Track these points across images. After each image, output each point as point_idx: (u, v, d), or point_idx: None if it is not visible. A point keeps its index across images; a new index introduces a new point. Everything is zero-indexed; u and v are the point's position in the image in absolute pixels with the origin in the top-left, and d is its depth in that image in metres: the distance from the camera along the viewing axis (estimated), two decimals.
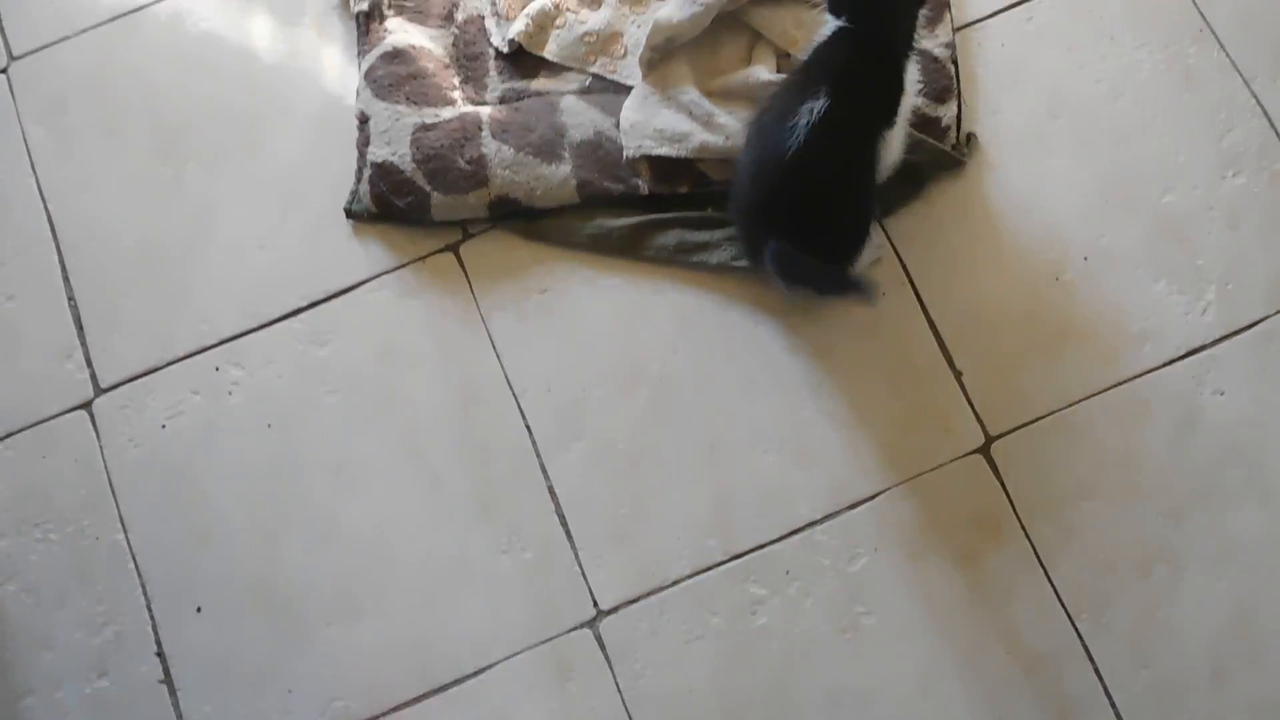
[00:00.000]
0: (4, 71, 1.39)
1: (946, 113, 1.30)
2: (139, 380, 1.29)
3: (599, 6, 1.35)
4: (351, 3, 1.37)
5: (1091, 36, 1.36)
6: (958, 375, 1.26)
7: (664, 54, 1.31)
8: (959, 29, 1.36)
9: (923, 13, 1.31)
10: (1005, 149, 1.32)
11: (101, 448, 1.28)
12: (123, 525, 1.25)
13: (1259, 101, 1.33)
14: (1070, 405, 1.25)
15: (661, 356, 1.28)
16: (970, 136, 1.32)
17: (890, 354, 1.27)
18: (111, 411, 1.29)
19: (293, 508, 1.25)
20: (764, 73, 1.28)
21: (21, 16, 1.41)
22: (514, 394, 1.27)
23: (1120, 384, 1.25)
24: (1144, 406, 1.25)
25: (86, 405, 1.29)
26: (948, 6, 1.34)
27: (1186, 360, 1.26)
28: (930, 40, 1.32)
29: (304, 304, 1.31)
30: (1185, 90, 1.34)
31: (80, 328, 1.31)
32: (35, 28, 1.41)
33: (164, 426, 1.28)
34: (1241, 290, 1.28)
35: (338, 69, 1.38)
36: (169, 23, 1.40)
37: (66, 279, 1.33)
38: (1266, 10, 1.36)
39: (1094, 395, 1.25)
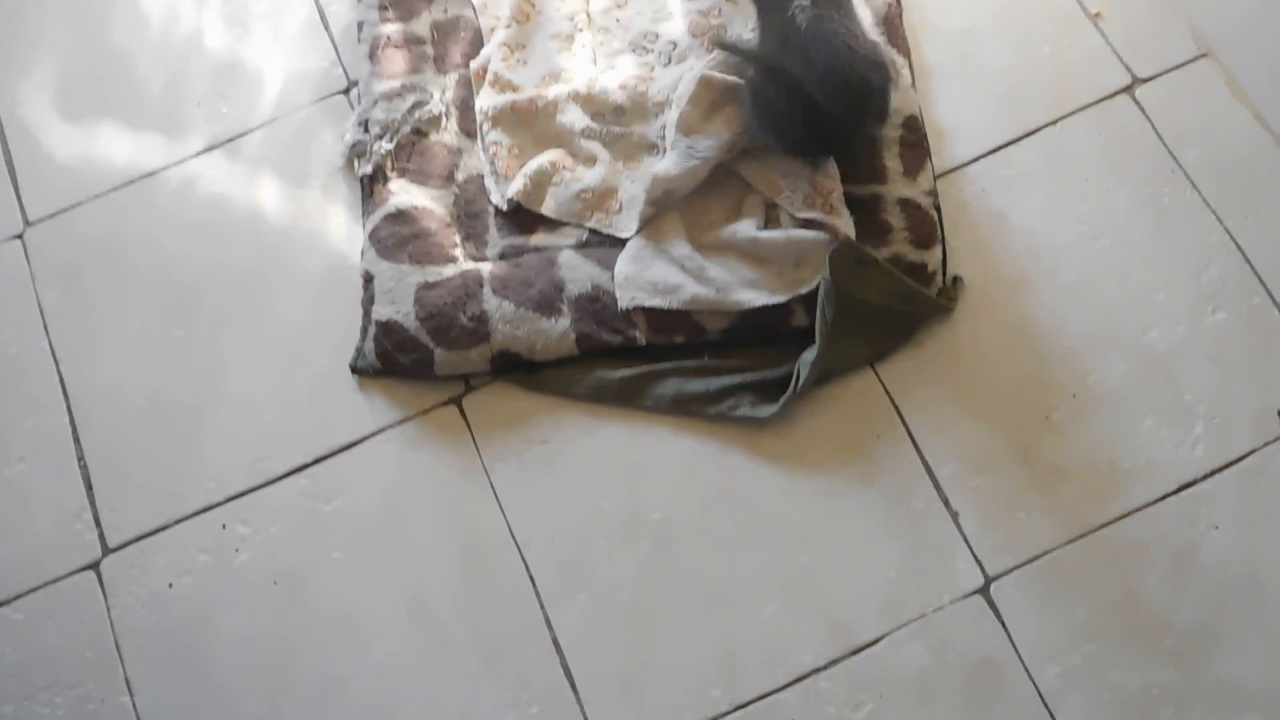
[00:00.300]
0: (19, 237, 1.45)
1: (932, 259, 1.35)
2: (147, 540, 1.32)
3: (594, 164, 1.41)
4: (356, 166, 1.43)
5: (1068, 180, 1.42)
6: (954, 516, 1.29)
7: (662, 208, 1.37)
8: (940, 175, 1.42)
9: (905, 162, 1.39)
10: (991, 291, 1.37)
11: (108, 608, 1.29)
12: (128, 688, 1.26)
13: (1233, 238, 1.38)
14: (1067, 543, 1.27)
15: (662, 505, 1.30)
16: (956, 280, 1.37)
17: (887, 497, 1.30)
18: (119, 572, 1.31)
19: (298, 667, 1.26)
20: (751, 228, 1.34)
21: (37, 183, 1.48)
22: (517, 545, 1.29)
23: (1115, 521, 1.28)
24: (1140, 543, 1.27)
25: (94, 566, 1.31)
26: (928, 155, 1.41)
27: (1179, 495, 1.28)
28: (913, 189, 1.38)
29: (310, 460, 1.34)
30: (1162, 229, 1.39)
31: (90, 488, 1.34)
32: (50, 194, 1.47)
33: (171, 586, 1.30)
34: (1228, 424, 1.31)
35: (343, 229, 1.43)
36: (180, 187, 1.47)
37: (77, 439, 1.36)
38: (1234, 149, 1.42)
39: (1090, 533, 1.27)
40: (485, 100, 1.45)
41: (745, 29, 1.44)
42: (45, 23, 1.56)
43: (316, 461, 1.34)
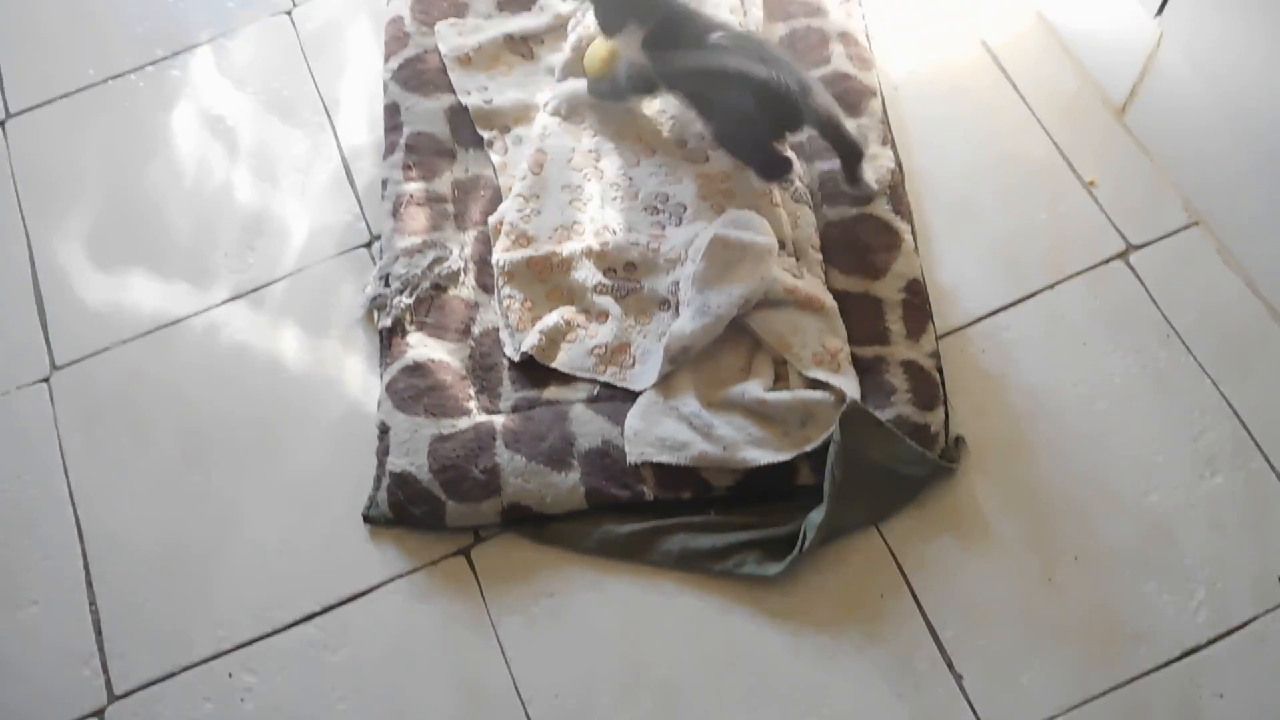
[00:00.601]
0: (45, 380, 1.51)
1: (934, 420, 1.39)
2: (153, 687, 1.33)
3: (606, 320, 1.48)
4: (376, 318, 1.49)
5: (1065, 343, 1.47)
6: (958, 678, 1.30)
7: (680, 364, 1.42)
8: (941, 336, 1.47)
9: (908, 324, 1.45)
10: (992, 452, 1.41)
11: None
12: None
13: (1229, 403, 1.43)
14: (1072, 709, 1.28)
15: (666, 661, 1.32)
16: (959, 440, 1.41)
17: (891, 658, 1.31)
18: None
19: None
20: (759, 389, 1.39)
21: (66, 328, 1.54)
22: (521, 701, 1.31)
23: (1119, 686, 1.29)
24: (1145, 710, 1.28)
25: (99, 713, 1.32)
26: (930, 317, 1.47)
27: (1183, 662, 1.30)
28: (915, 351, 1.43)
29: (319, 609, 1.36)
30: (1158, 393, 1.44)
31: (99, 633, 1.36)
32: (79, 339, 1.53)
33: None
34: (1230, 590, 1.33)
35: (360, 379, 1.49)
36: (204, 334, 1.53)
37: (90, 584, 1.39)
38: (1227, 316, 1.48)
39: (1095, 698, 1.28)
40: (501, 255, 1.51)
41: (756, 190, 1.52)
42: (83, 172, 1.65)
43: (325, 610, 1.36)
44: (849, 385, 1.39)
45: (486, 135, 1.62)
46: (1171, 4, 1.43)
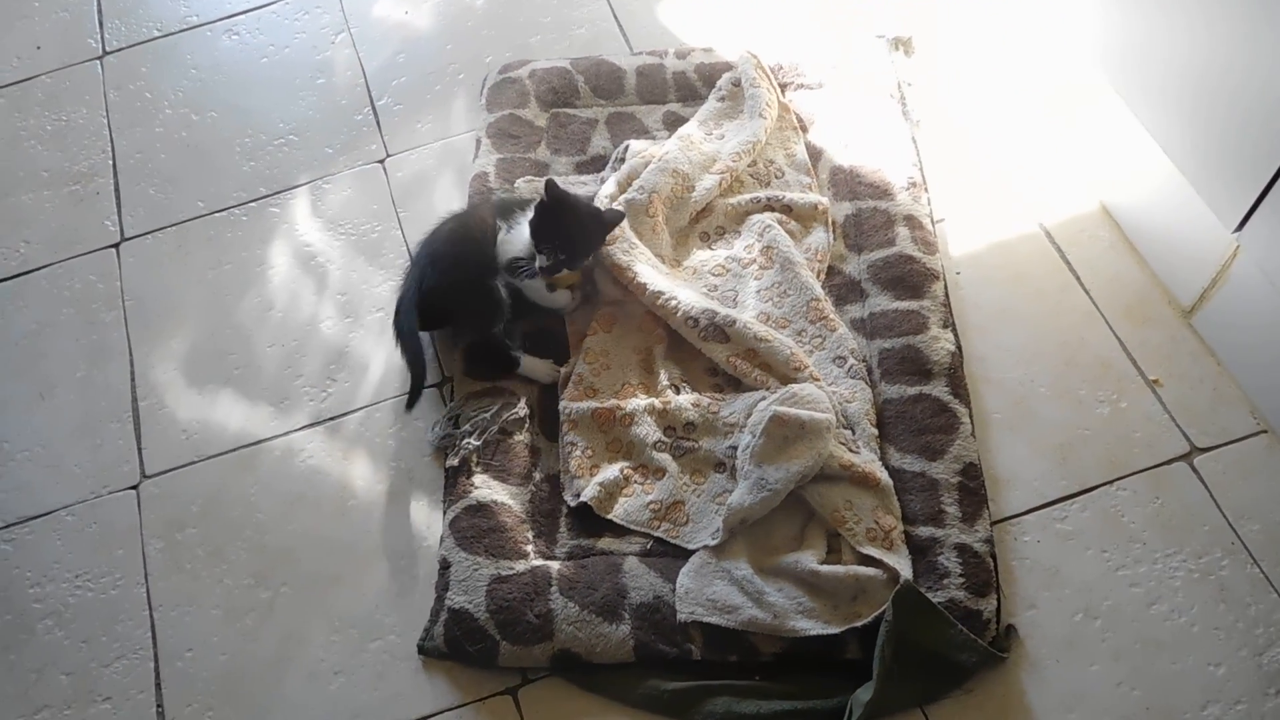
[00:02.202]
0: (135, 488, 1.68)
1: (987, 606, 1.48)
2: None
3: (663, 476, 1.61)
4: (447, 456, 1.65)
5: (1123, 541, 1.55)
6: None
7: (737, 534, 1.54)
8: (995, 523, 1.56)
9: (964, 508, 1.55)
10: (1043, 646, 1.48)
11: None
12: None
13: None
14: None
15: None
16: (1010, 629, 1.49)
17: None
18: None
19: None
20: (812, 561, 1.49)
21: (158, 440, 1.73)
22: None
23: None
24: None
25: None
26: (986, 503, 1.57)
27: None
28: (970, 535, 1.53)
29: None
30: (1220, 602, 1.50)
31: None
32: (168, 452, 1.71)
33: None
34: None
35: (424, 513, 1.64)
36: (281, 456, 1.70)
37: (159, 686, 1.53)
38: None
39: None
40: (569, 403, 1.67)
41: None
42: (185, 295, 1.86)
43: None
44: (902, 564, 1.49)
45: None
46: (1253, 222, 1.53)
